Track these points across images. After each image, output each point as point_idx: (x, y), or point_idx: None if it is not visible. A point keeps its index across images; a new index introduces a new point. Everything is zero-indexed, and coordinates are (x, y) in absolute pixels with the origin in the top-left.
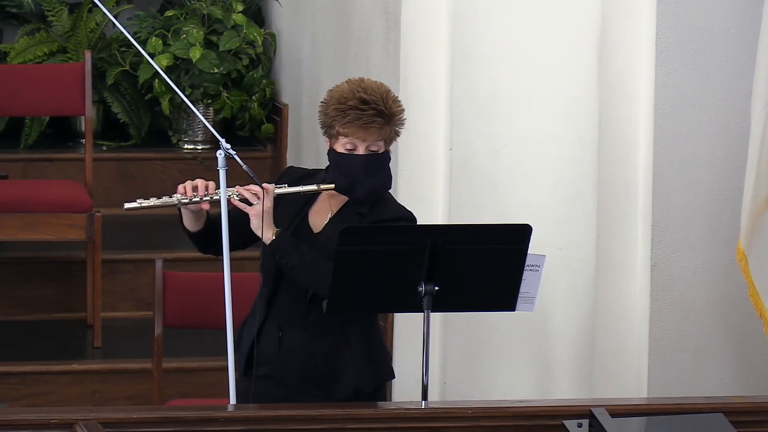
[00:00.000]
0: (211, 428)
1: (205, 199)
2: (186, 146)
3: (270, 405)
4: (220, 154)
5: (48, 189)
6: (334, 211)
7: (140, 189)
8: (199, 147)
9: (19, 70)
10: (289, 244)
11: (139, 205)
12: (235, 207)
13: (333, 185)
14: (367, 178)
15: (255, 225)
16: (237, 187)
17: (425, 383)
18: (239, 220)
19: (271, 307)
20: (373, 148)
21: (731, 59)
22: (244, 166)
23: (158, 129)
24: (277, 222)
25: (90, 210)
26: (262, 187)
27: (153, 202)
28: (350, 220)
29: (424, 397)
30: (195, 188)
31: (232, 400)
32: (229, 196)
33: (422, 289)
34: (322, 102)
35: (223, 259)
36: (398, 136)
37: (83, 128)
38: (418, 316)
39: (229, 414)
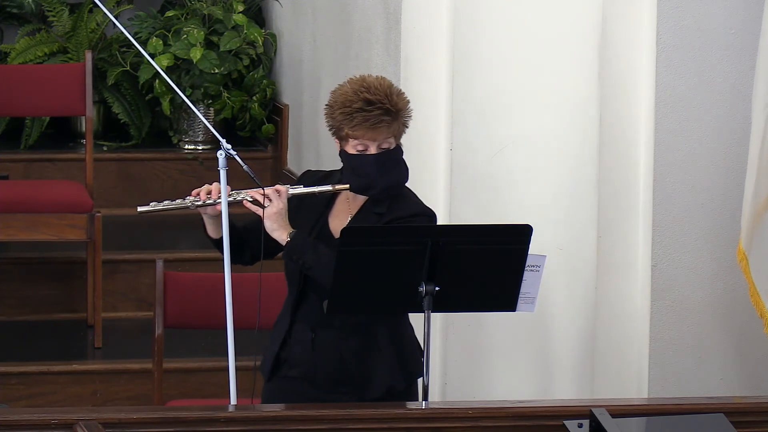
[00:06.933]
0: (211, 428)
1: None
2: (187, 146)
3: (270, 405)
4: (220, 155)
5: (49, 189)
6: (354, 213)
7: (141, 189)
8: (200, 147)
9: (19, 70)
10: (305, 244)
11: (152, 208)
12: (255, 216)
13: (348, 186)
14: (381, 177)
15: (269, 227)
16: (249, 190)
17: (426, 383)
18: (257, 228)
19: (299, 311)
20: (385, 146)
21: (732, 60)
22: (245, 167)
23: (159, 129)
24: (297, 228)
25: (91, 210)
26: (263, 189)
27: (166, 204)
28: (369, 221)
29: (425, 397)
30: (209, 192)
31: (233, 400)
32: (241, 198)
33: (423, 289)
34: (327, 105)
35: (223, 260)
36: (407, 127)
37: (84, 128)
38: (419, 317)
39: (230, 414)
